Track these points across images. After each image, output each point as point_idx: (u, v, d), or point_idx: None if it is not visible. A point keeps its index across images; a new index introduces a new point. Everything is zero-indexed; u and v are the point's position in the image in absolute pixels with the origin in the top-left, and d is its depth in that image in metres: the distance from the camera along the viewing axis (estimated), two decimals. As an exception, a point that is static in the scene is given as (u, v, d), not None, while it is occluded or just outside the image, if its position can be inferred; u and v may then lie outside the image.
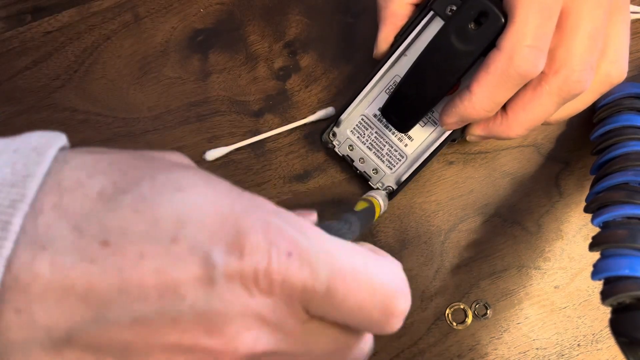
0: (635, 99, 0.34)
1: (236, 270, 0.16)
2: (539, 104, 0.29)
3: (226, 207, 0.17)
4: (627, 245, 0.28)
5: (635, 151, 0.32)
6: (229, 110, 0.39)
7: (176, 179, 0.17)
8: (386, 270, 0.18)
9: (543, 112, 0.29)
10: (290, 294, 0.16)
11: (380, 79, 0.34)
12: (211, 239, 0.16)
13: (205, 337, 0.16)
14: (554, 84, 0.28)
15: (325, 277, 0.16)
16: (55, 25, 0.40)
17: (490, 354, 0.37)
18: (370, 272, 0.17)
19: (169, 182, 0.17)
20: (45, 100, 0.39)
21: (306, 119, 0.38)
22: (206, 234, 0.16)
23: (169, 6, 0.40)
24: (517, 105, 0.29)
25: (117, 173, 0.17)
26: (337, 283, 0.17)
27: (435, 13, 0.31)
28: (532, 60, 0.26)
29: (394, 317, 0.18)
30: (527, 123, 0.30)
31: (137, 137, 0.39)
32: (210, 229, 0.16)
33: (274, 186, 0.38)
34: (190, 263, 0.15)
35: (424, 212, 0.38)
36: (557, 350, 0.37)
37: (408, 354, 0.37)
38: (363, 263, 0.18)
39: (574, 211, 0.38)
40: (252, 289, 0.16)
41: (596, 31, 0.27)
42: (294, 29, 0.39)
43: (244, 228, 0.16)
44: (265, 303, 0.16)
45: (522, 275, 0.37)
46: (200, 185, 0.17)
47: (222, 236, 0.16)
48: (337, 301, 0.17)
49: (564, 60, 0.27)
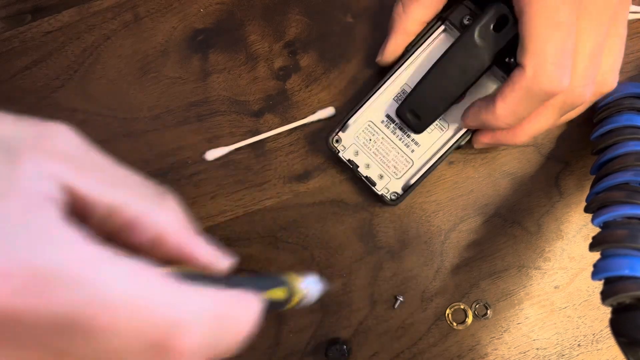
0: (635, 99, 0.34)
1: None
2: (543, 116, 0.30)
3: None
4: (627, 245, 0.28)
5: (635, 151, 0.32)
6: (229, 110, 0.39)
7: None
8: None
9: (547, 123, 0.31)
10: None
11: (389, 86, 0.35)
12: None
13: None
14: (559, 98, 0.29)
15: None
16: (55, 25, 0.40)
17: (490, 354, 0.37)
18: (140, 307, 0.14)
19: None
20: (46, 100, 0.39)
21: (306, 119, 0.38)
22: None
23: (169, 6, 0.40)
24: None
25: None
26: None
27: (451, 24, 0.34)
28: (557, 78, 0.27)
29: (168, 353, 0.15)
30: (532, 132, 0.31)
31: (137, 137, 0.39)
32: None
33: (274, 186, 0.38)
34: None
35: (424, 212, 0.38)
36: (557, 350, 0.37)
37: (408, 354, 0.37)
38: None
39: (574, 211, 0.38)
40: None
41: (598, 48, 0.28)
42: (294, 29, 0.39)
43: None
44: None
45: (522, 275, 0.37)
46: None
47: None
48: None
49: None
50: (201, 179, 0.39)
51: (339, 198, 0.38)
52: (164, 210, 0.19)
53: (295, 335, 0.38)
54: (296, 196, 0.38)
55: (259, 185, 0.39)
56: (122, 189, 0.18)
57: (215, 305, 0.16)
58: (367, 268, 0.38)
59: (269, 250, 0.38)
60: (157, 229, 0.18)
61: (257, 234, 0.38)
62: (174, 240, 0.19)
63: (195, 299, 0.15)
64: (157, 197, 0.19)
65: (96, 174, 0.17)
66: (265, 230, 0.38)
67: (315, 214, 0.38)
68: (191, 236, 0.19)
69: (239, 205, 0.39)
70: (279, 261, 0.38)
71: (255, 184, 0.39)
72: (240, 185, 0.39)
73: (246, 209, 0.39)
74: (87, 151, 0.18)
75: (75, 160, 0.17)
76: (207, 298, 0.16)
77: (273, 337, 0.38)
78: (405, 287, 0.38)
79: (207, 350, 0.16)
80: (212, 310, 0.16)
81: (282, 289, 0.24)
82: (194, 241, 0.19)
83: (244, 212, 0.39)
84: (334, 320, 0.38)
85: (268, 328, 0.38)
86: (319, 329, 0.38)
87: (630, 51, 0.38)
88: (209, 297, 0.16)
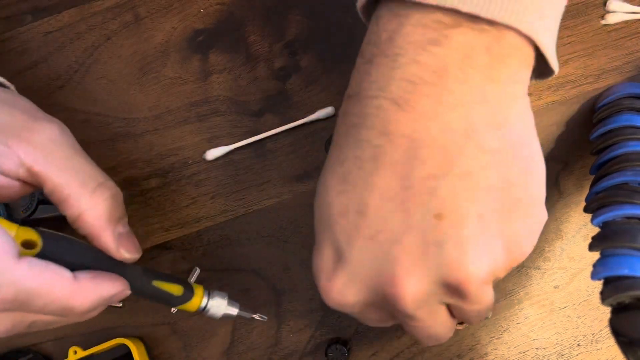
0: (635, 99, 0.34)
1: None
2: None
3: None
4: (627, 245, 0.28)
5: (635, 151, 0.32)
6: (229, 110, 0.39)
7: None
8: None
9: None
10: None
11: None
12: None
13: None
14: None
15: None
16: (55, 26, 0.40)
17: (490, 354, 0.37)
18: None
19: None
20: (46, 100, 0.39)
21: (306, 119, 0.38)
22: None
23: (169, 6, 0.40)
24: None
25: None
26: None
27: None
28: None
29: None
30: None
31: (137, 137, 0.39)
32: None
33: (274, 186, 0.39)
34: None
35: (424, 212, 0.38)
36: (556, 350, 0.37)
37: (408, 354, 0.37)
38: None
39: (574, 211, 0.38)
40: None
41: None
42: (294, 29, 0.39)
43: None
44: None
45: (521, 275, 0.38)
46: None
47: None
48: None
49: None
50: (201, 179, 0.39)
51: (339, 198, 0.38)
52: (91, 198, 0.26)
53: (295, 335, 0.38)
54: (296, 196, 0.38)
55: (259, 185, 0.39)
56: (68, 175, 0.26)
57: (90, 283, 0.25)
58: (367, 268, 0.38)
59: (269, 250, 0.38)
60: (79, 209, 0.26)
61: (257, 234, 0.38)
62: (89, 221, 0.26)
63: (83, 288, 0.25)
64: (93, 188, 0.26)
65: (58, 163, 0.26)
66: (265, 230, 0.38)
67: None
68: (104, 224, 0.26)
69: (239, 205, 0.39)
70: (279, 261, 0.38)
71: (255, 184, 0.39)
72: (240, 185, 0.39)
73: (246, 209, 0.39)
74: (62, 146, 0.27)
75: (48, 152, 0.26)
76: (89, 283, 0.25)
77: (273, 337, 0.38)
78: (405, 287, 0.38)
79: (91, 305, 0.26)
80: (93, 290, 0.25)
81: (178, 286, 0.30)
82: (104, 229, 0.26)
83: (244, 212, 0.39)
84: (334, 320, 0.38)
85: (268, 328, 0.38)
86: (319, 329, 0.38)
87: (630, 51, 0.38)
88: (90, 282, 0.25)
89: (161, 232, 0.39)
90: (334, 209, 0.22)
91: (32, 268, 0.23)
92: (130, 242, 0.28)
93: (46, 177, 0.26)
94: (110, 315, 0.38)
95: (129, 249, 0.28)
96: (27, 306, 0.23)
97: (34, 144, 0.26)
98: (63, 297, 0.24)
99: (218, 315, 0.32)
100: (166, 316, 0.38)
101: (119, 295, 0.27)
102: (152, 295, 0.30)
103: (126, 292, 0.27)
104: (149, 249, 0.39)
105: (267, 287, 0.38)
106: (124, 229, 0.28)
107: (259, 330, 0.38)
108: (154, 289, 0.29)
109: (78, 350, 0.36)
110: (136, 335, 0.38)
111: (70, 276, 0.25)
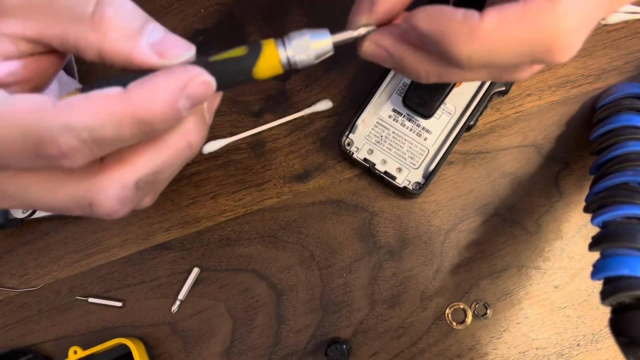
0: (635, 99, 0.34)
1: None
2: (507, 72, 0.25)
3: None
4: (627, 245, 0.28)
5: (635, 151, 0.32)
6: (229, 110, 0.39)
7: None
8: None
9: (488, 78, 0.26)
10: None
11: (389, 82, 0.36)
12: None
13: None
14: (542, 62, 0.23)
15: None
16: (55, 26, 0.40)
17: (490, 354, 0.37)
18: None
19: None
20: (46, 100, 0.39)
21: (303, 111, 0.38)
22: None
23: (169, 6, 0.40)
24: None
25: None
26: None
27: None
28: (576, 45, 0.20)
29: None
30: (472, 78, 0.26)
31: (137, 137, 0.39)
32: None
33: (274, 186, 0.39)
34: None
35: (424, 212, 0.38)
36: (556, 350, 0.37)
37: (408, 353, 0.37)
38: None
39: (574, 211, 0.38)
40: None
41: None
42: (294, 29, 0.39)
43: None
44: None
45: (521, 275, 0.38)
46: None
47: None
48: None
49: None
50: (201, 179, 0.39)
51: (338, 198, 0.38)
52: (94, 27, 0.21)
53: (295, 335, 0.38)
54: (296, 196, 0.38)
55: (259, 185, 0.39)
56: (59, 19, 0.21)
57: (108, 106, 0.20)
58: (366, 268, 0.38)
59: (269, 250, 0.38)
60: (92, 46, 0.22)
61: (257, 234, 0.38)
62: (112, 51, 0.22)
63: (72, 112, 0.19)
64: (91, 12, 0.21)
65: (41, 12, 0.21)
66: (265, 230, 0.38)
67: (315, 214, 0.38)
68: (128, 45, 0.22)
69: (239, 205, 0.39)
70: (279, 261, 0.38)
71: (255, 184, 0.39)
72: (240, 185, 0.39)
73: (246, 209, 0.39)
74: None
75: (26, 8, 0.21)
76: (86, 108, 0.19)
77: (273, 337, 0.38)
78: (405, 287, 0.38)
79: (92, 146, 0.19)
80: (94, 114, 0.19)
81: (237, 49, 0.24)
82: (131, 50, 0.22)
83: (244, 212, 0.39)
84: (334, 320, 0.38)
85: (268, 328, 0.38)
86: (319, 328, 0.38)
87: (630, 51, 0.38)
88: (89, 106, 0.20)
89: (161, 232, 0.39)
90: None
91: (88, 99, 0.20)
92: (172, 43, 0.23)
93: (44, 33, 0.21)
94: (110, 315, 0.38)
95: (174, 51, 0.23)
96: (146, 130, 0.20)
97: (10, 12, 0.21)
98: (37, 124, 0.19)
99: (311, 57, 0.24)
100: (166, 316, 0.38)
101: (201, 80, 0.22)
102: (219, 73, 0.23)
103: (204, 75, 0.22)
104: (149, 249, 0.39)
105: (267, 287, 0.38)
106: (157, 34, 0.23)
107: (259, 330, 0.38)
108: (215, 65, 0.23)
109: (78, 350, 0.36)
110: (136, 335, 0.38)
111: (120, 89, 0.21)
